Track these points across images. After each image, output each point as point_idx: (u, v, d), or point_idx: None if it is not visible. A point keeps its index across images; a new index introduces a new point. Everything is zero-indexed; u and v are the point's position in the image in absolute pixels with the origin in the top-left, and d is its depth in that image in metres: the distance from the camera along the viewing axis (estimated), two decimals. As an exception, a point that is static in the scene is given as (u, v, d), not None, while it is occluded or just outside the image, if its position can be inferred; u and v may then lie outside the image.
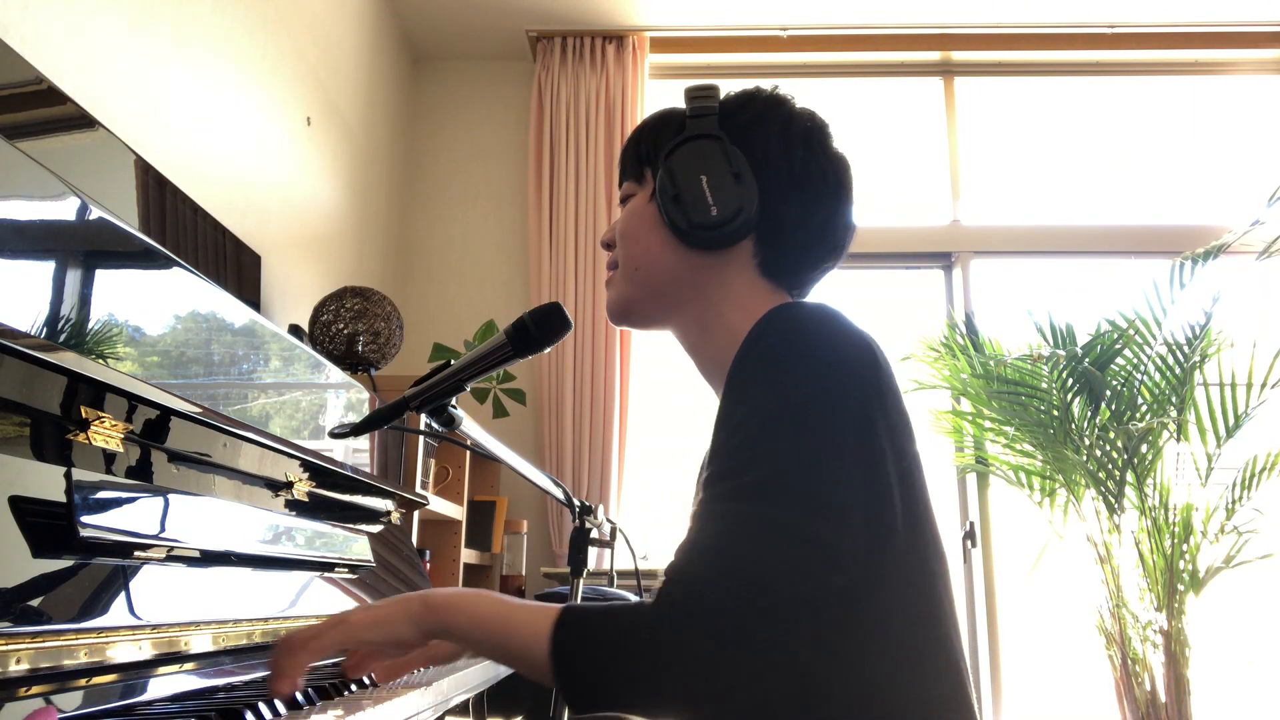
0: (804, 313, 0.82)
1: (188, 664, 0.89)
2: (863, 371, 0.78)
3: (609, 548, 1.56)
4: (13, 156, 0.79)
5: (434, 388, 0.99)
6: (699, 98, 0.94)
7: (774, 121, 0.93)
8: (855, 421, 0.76)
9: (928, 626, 0.80)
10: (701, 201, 0.89)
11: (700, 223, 0.89)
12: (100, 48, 1.66)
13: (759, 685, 0.70)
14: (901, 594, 0.78)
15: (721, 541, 0.73)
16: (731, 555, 0.72)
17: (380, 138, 3.30)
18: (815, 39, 3.56)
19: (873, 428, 0.77)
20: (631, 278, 0.96)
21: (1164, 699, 2.67)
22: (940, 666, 0.80)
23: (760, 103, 0.95)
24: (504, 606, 0.77)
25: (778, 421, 0.75)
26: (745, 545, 0.72)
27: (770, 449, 0.74)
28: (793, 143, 0.92)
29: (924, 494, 0.83)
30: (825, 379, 0.77)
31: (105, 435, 0.83)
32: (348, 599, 1.33)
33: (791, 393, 0.76)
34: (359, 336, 2.30)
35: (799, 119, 0.95)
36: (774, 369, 0.78)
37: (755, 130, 0.92)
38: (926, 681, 0.79)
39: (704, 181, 0.89)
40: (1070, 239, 3.54)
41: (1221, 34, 3.53)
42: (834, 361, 0.78)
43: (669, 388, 3.43)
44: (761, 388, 0.78)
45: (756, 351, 0.80)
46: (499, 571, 2.99)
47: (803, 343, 0.79)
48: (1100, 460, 2.81)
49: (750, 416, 0.77)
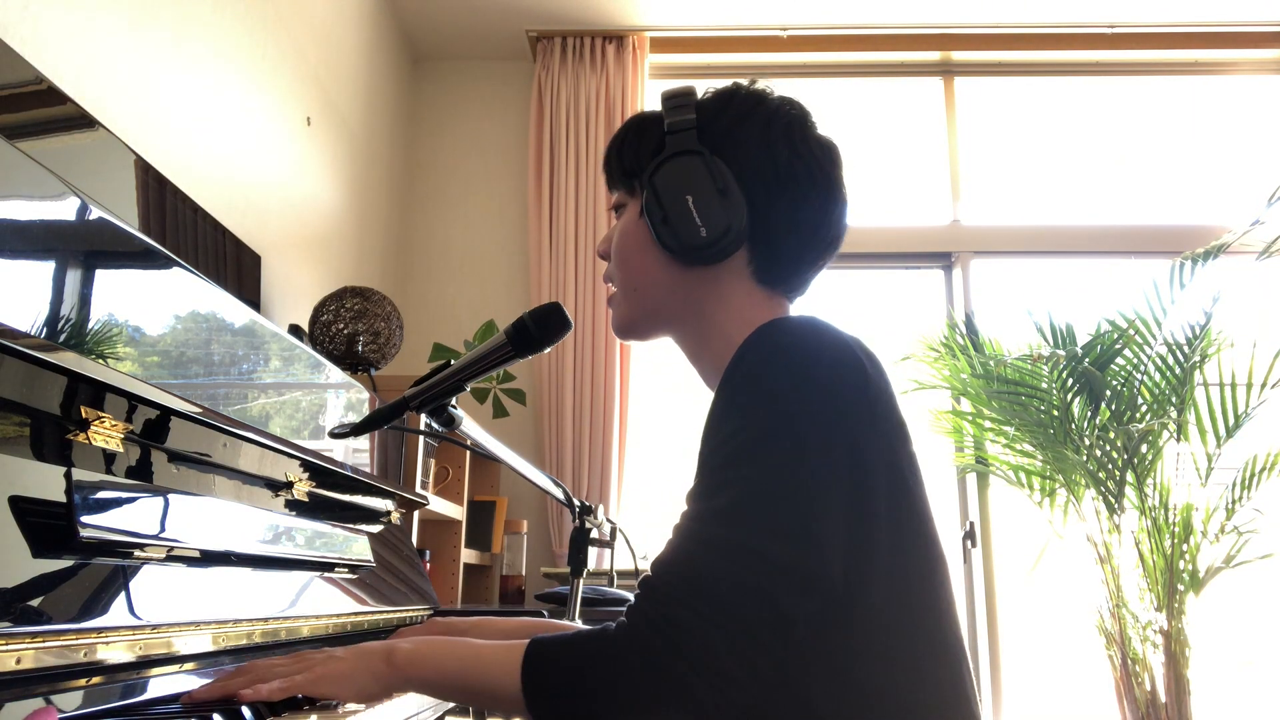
0: (787, 331, 0.82)
1: (187, 664, 0.89)
2: (844, 387, 0.79)
3: (609, 548, 1.56)
4: (13, 156, 0.79)
5: (434, 388, 0.99)
6: (676, 108, 0.92)
7: (754, 124, 0.91)
8: (835, 440, 0.77)
9: (924, 631, 0.80)
10: (689, 223, 0.88)
11: (690, 244, 0.88)
12: (100, 48, 1.66)
13: (726, 705, 0.72)
14: (893, 602, 0.78)
15: (693, 563, 0.74)
16: (700, 578, 0.73)
17: (380, 138, 3.30)
18: (815, 39, 3.56)
19: (854, 443, 0.77)
20: (630, 297, 0.96)
21: (1164, 699, 2.67)
22: (939, 670, 0.80)
23: (737, 104, 0.93)
24: (468, 650, 0.79)
25: (755, 443, 0.76)
26: (713, 569, 0.73)
27: (745, 472, 0.75)
28: (775, 144, 0.90)
29: (920, 497, 0.83)
30: (805, 399, 0.77)
31: (105, 435, 0.83)
32: (348, 599, 1.33)
33: (770, 414, 0.77)
34: (359, 336, 2.30)
35: (778, 116, 0.92)
36: (755, 390, 0.79)
37: (735, 137, 0.90)
38: (925, 686, 0.79)
39: (689, 202, 0.88)
40: (1070, 239, 3.54)
41: (1221, 34, 3.53)
42: (814, 380, 0.78)
43: (669, 388, 3.43)
44: (741, 408, 0.78)
45: (740, 372, 0.80)
46: (499, 571, 2.99)
47: (783, 362, 0.79)
48: (1100, 460, 2.81)
49: (732, 437, 0.78)
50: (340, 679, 0.79)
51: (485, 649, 0.79)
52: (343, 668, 0.79)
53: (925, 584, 0.81)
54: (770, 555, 0.72)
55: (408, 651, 0.80)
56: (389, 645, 0.81)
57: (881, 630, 0.77)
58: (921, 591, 0.81)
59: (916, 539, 0.81)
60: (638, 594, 0.76)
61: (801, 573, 0.73)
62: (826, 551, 0.74)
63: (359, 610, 1.35)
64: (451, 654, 0.80)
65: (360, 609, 1.36)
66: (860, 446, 0.77)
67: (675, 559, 0.76)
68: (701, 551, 0.74)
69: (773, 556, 0.72)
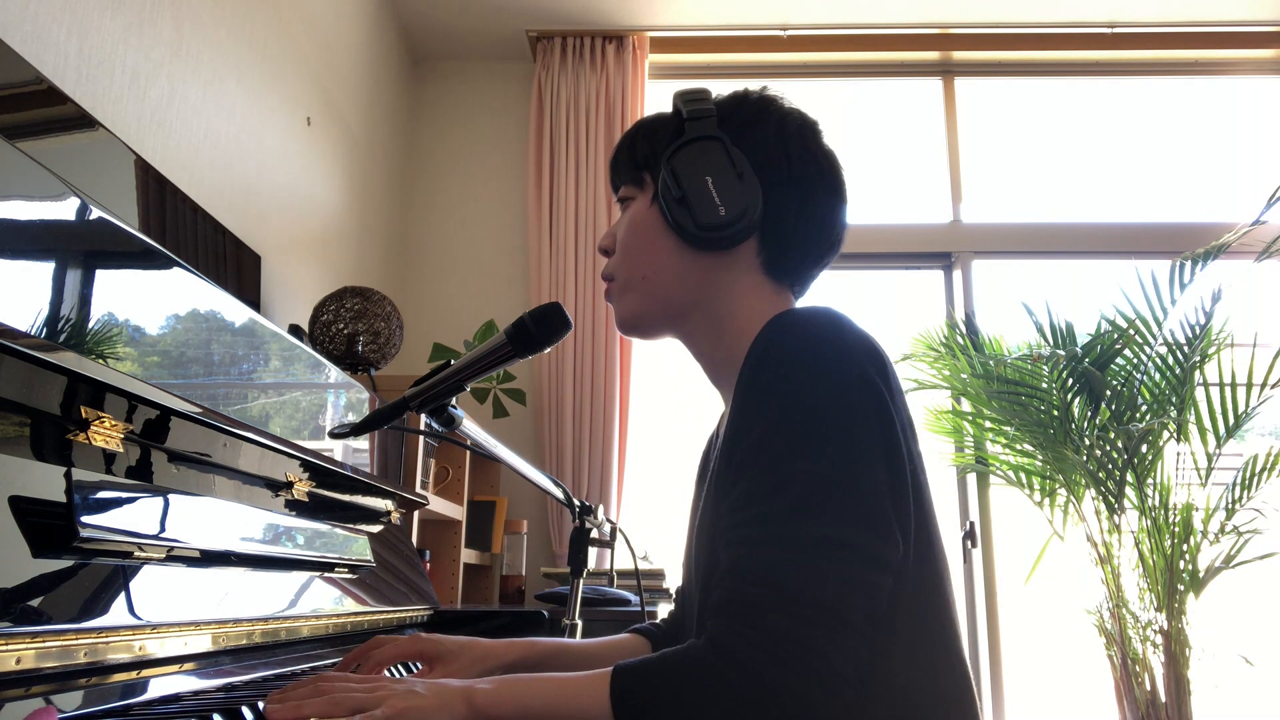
0: (810, 320, 0.81)
1: (187, 664, 0.89)
2: (874, 376, 0.79)
3: (609, 548, 1.56)
4: (13, 156, 0.79)
5: (434, 388, 0.99)
6: (694, 100, 0.94)
7: (769, 121, 0.94)
8: (875, 426, 0.76)
9: (938, 625, 0.81)
10: (708, 202, 0.89)
11: (708, 224, 0.89)
12: (100, 48, 1.66)
13: (829, 703, 0.70)
14: (918, 594, 0.79)
15: (768, 564, 0.72)
16: (784, 579, 0.71)
17: (380, 138, 3.30)
18: (815, 39, 3.56)
19: (892, 430, 0.77)
20: (638, 287, 0.96)
21: (1164, 699, 2.67)
22: (952, 664, 0.81)
23: (753, 103, 0.96)
24: (552, 684, 0.76)
25: (801, 436, 0.75)
26: (796, 567, 0.71)
27: (800, 465, 0.74)
28: (789, 141, 0.93)
29: (928, 494, 0.83)
30: (840, 388, 0.77)
31: (105, 435, 0.83)
32: (348, 599, 1.33)
33: (810, 404, 0.76)
34: (359, 336, 2.30)
35: (791, 118, 0.95)
36: (787, 381, 0.77)
37: (752, 130, 0.93)
38: (940, 679, 0.80)
39: (709, 182, 0.89)
40: (1070, 239, 3.54)
41: (1221, 34, 3.53)
42: (846, 369, 0.78)
43: (669, 387, 3.43)
44: (777, 401, 0.77)
45: (767, 363, 0.79)
46: (499, 571, 2.99)
47: (813, 352, 0.79)
48: (1100, 460, 2.81)
49: (772, 433, 0.76)
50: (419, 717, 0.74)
51: (569, 682, 0.76)
52: (424, 705, 0.74)
53: (940, 579, 0.83)
54: (855, 543, 0.72)
55: (488, 692, 0.76)
56: (467, 686, 0.76)
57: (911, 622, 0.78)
58: (938, 585, 0.82)
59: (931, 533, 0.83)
60: (721, 611, 0.73)
61: (886, 555, 0.73)
62: (895, 533, 0.75)
63: (359, 610, 1.35)
64: (534, 691, 0.76)
65: (360, 609, 1.36)
66: (896, 434, 0.78)
67: (752, 566, 0.73)
68: (780, 553, 0.72)
69: (857, 544, 0.72)
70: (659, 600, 2.63)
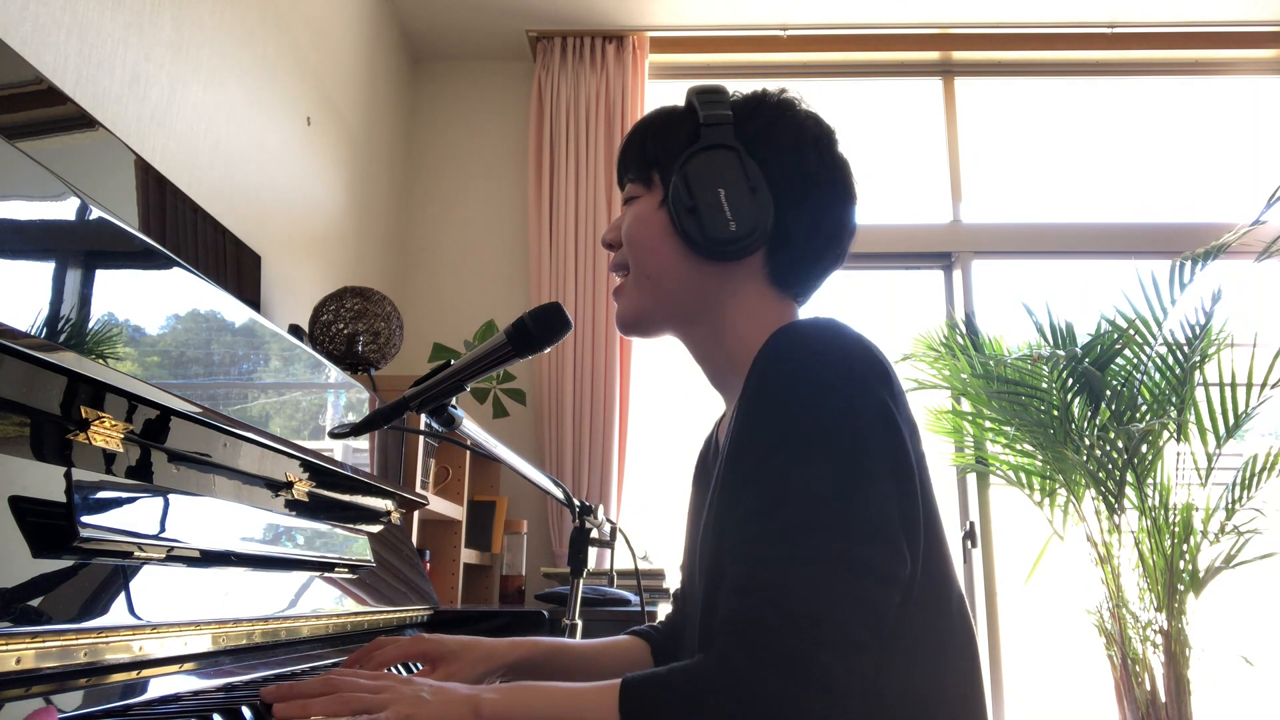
0: (814, 333, 0.81)
1: (187, 664, 0.89)
2: (878, 386, 0.78)
3: (609, 548, 1.56)
4: (13, 156, 0.79)
5: (434, 388, 0.98)
6: (711, 102, 0.92)
7: (786, 130, 0.92)
8: (882, 440, 0.76)
9: (952, 628, 0.81)
10: (719, 215, 0.88)
11: (717, 236, 0.88)
12: (100, 48, 1.66)
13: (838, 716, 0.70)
14: (933, 599, 0.79)
15: (777, 581, 0.72)
16: (793, 597, 0.71)
17: (380, 138, 3.30)
18: (815, 39, 3.56)
19: (899, 442, 0.77)
20: (644, 286, 0.95)
21: (1164, 699, 2.67)
22: (965, 667, 0.81)
23: (770, 108, 0.94)
24: (557, 695, 0.76)
25: (807, 451, 0.74)
26: (802, 582, 0.71)
27: (806, 481, 0.73)
28: (805, 151, 0.92)
29: (935, 500, 0.83)
30: (846, 402, 0.76)
31: (105, 435, 0.83)
32: (348, 599, 1.33)
33: (816, 419, 0.75)
34: (359, 336, 2.30)
35: (809, 125, 0.94)
36: (793, 396, 0.77)
37: (768, 139, 0.91)
38: (957, 682, 0.80)
39: (722, 195, 0.88)
40: (1070, 239, 3.54)
41: (1221, 34, 3.53)
42: (852, 383, 0.77)
43: (669, 387, 3.43)
44: (783, 414, 0.77)
45: (772, 375, 0.79)
46: (499, 571, 2.99)
47: (818, 366, 0.78)
48: (1100, 460, 2.81)
49: (778, 447, 0.76)
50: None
51: (577, 693, 0.75)
52: (430, 713, 0.74)
53: (949, 582, 0.82)
54: (863, 560, 0.71)
55: (495, 701, 0.75)
56: (474, 694, 0.76)
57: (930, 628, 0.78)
58: (948, 588, 0.82)
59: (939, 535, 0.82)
60: (729, 628, 0.73)
61: (894, 570, 0.73)
62: (903, 548, 0.74)
63: (359, 610, 1.35)
64: (541, 701, 0.76)
65: (360, 609, 1.35)
66: (903, 444, 0.77)
67: (760, 583, 0.73)
68: (788, 570, 0.72)
69: (866, 561, 0.71)
70: (659, 600, 2.63)
